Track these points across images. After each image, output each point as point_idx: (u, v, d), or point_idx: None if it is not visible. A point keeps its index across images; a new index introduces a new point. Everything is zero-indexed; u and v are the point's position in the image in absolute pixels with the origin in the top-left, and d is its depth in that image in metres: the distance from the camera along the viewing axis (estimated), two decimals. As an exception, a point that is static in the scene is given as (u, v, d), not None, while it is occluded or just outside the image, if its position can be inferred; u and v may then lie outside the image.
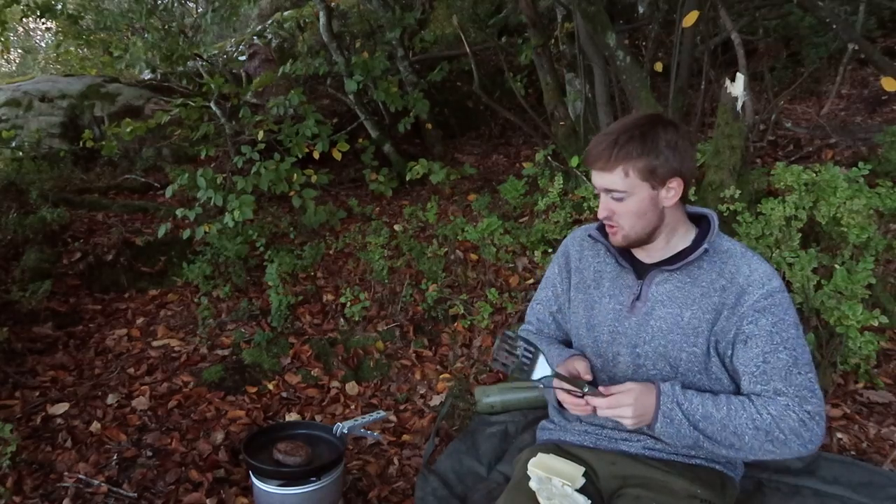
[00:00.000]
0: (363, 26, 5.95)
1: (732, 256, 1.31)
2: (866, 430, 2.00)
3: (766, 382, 1.24)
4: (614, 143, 1.24)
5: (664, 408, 1.23)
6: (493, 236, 3.14)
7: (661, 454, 1.36)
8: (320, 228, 3.87)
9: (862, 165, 2.24)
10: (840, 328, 1.98)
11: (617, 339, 1.36)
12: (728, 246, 1.33)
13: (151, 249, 3.59)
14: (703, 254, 1.30)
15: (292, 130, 3.94)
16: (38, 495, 1.93)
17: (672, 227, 1.33)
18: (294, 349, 2.83)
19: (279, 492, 1.74)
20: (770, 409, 1.22)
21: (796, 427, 1.21)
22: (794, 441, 1.21)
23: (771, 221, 2.19)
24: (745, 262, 1.29)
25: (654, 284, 1.34)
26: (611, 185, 1.27)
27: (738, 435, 1.22)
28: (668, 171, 1.25)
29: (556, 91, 4.07)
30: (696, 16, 2.66)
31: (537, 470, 1.32)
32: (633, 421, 1.23)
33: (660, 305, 1.32)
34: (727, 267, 1.29)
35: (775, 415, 1.22)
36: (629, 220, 1.29)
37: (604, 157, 1.26)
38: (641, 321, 1.33)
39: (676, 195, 1.28)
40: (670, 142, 1.25)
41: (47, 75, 6.57)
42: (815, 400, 1.23)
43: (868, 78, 4.83)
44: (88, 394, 2.47)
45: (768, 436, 1.22)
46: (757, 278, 1.26)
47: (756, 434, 1.22)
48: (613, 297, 1.38)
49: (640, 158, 1.24)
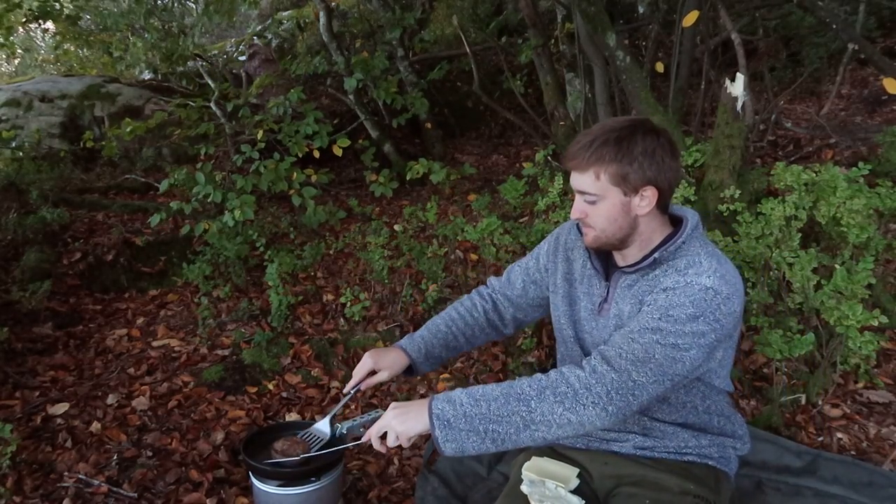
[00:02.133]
0: (363, 26, 5.96)
1: (694, 255, 1.23)
2: (866, 430, 2.00)
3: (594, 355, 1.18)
4: (589, 145, 1.24)
5: (435, 408, 1.17)
6: (492, 236, 3.13)
7: (651, 453, 1.36)
8: (320, 228, 3.87)
9: (862, 165, 2.24)
10: (840, 328, 1.98)
11: (588, 339, 1.39)
12: (700, 246, 1.26)
13: (151, 249, 3.59)
14: (651, 263, 1.26)
15: (291, 129, 3.94)
16: (38, 495, 1.93)
17: (647, 236, 1.30)
18: (294, 349, 2.83)
19: (278, 492, 1.74)
20: (563, 369, 1.16)
21: (586, 378, 1.13)
22: (586, 395, 1.12)
23: (771, 221, 2.19)
24: (694, 263, 1.21)
25: (620, 287, 1.33)
26: (582, 187, 1.27)
27: (523, 400, 1.14)
28: (640, 179, 1.23)
29: (556, 91, 4.07)
30: (696, 16, 2.67)
31: (530, 473, 1.32)
32: (395, 420, 1.21)
33: (618, 306, 1.33)
34: (680, 264, 1.23)
35: (565, 371, 1.16)
36: (600, 222, 1.28)
37: (578, 157, 1.25)
38: (605, 322, 1.35)
39: (650, 204, 1.25)
40: (647, 149, 1.22)
41: (47, 75, 6.58)
42: (617, 363, 1.15)
43: (868, 78, 4.83)
44: (88, 394, 2.47)
45: (556, 394, 1.13)
46: (684, 282, 1.18)
47: (542, 394, 1.14)
48: (588, 296, 1.40)
49: (612, 163, 1.22)
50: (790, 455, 1.67)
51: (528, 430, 1.14)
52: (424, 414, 1.18)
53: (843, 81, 4.51)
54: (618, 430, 1.39)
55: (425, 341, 1.58)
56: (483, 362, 2.69)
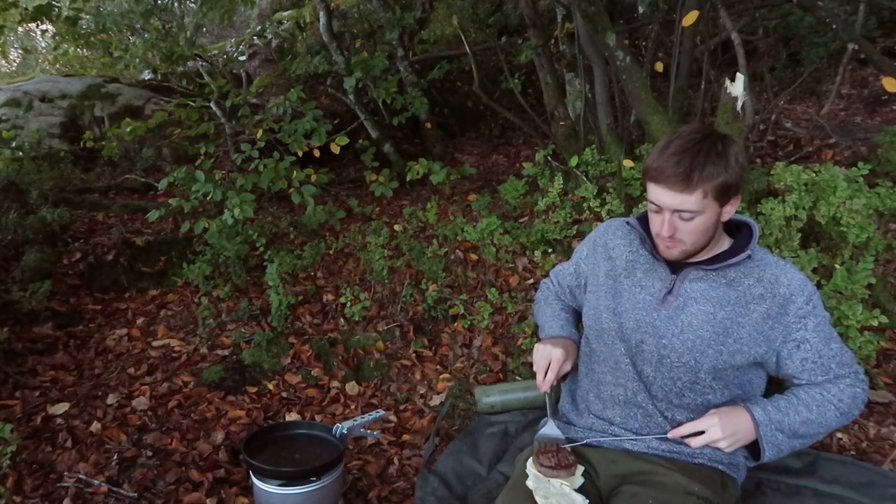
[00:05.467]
0: (363, 26, 5.96)
1: (769, 266, 1.35)
2: (866, 430, 2.00)
3: (826, 373, 1.33)
4: (692, 166, 1.23)
5: (767, 437, 1.30)
6: (492, 236, 3.14)
7: (664, 452, 1.36)
8: (320, 228, 3.87)
9: (862, 165, 2.24)
10: (840, 328, 1.98)
11: (642, 328, 1.39)
12: (762, 255, 1.38)
13: (151, 249, 3.59)
14: (744, 259, 1.34)
15: (291, 128, 3.94)
16: (38, 495, 1.93)
17: (717, 237, 1.37)
18: (294, 349, 2.83)
19: (279, 492, 1.74)
20: (844, 394, 1.34)
21: (860, 394, 1.35)
22: (856, 410, 1.35)
23: (771, 221, 2.19)
24: (782, 272, 1.34)
25: (689, 281, 1.37)
26: (683, 206, 1.26)
27: (824, 425, 1.33)
28: (737, 188, 1.28)
29: (556, 91, 4.07)
30: (696, 16, 2.66)
31: (535, 470, 1.32)
32: (726, 441, 1.27)
33: (693, 302, 1.35)
34: (765, 275, 1.34)
35: (848, 395, 1.34)
36: (693, 236, 1.30)
37: (681, 178, 1.23)
38: (672, 315, 1.36)
39: (734, 208, 1.32)
40: (737, 157, 1.27)
41: (47, 75, 6.58)
42: (858, 366, 1.37)
43: (868, 78, 4.83)
44: (88, 394, 2.47)
45: (845, 416, 1.34)
46: (797, 287, 1.33)
47: (839, 418, 1.33)
48: (645, 287, 1.41)
49: (719, 178, 1.24)
50: (790, 455, 1.67)
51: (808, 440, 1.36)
52: (753, 437, 1.31)
53: (843, 81, 4.52)
54: (636, 431, 1.40)
55: (570, 323, 1.62)
56: (483, 362, 2.69)
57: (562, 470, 1.30)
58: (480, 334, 2.85)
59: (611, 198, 3.01)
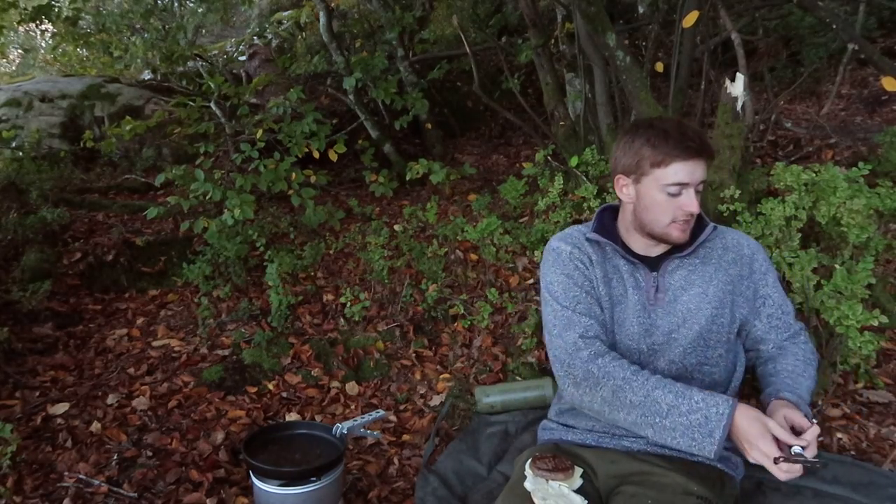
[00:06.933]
0: (363, 26, 5.96)
1: (725, 232, 1.49)
2: (866, 430, 2.00)
3: (788, 328, 1.46)
4: (702, 136, 1.34)
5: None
6: (492, 236, 3.13)
7: (663, 451, 1.36)
8: (320, 228, 3.87)
9: (862, 165, 2.24)
10: (840, 328, 1.98)
11: (650, 331, 1.41)
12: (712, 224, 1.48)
13: (151, 249, 3.59)
14: (711, 232, 1.43)
15: (291, 129, 3.94)
16: (38, 495, 1.93)
17: None
18: (294, 349, 2.83)
19: (279, 492, 1.74)
20: (808, 348, 1.45)
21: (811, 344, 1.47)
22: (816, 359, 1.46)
23: (771, 221, 2.19)
24: (738, 235, 1.49)
25: (668, 273, 1.42)
26: (705, 175, 1.37)
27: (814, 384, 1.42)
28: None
29: (556, 91, 4.07)
30: (696, 16, 2.66)
31: (533, 473, 1.32)
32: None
33: (681, 291, 1.41)
34: (728, 242, 1.47)
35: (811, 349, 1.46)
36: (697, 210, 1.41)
37: (707, 147, 1.33)
38: (668, 309, 1.40)
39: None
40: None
41: (47, 75, 6.58)
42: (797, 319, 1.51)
43: (868, 78, 4.83)
44: (88, 394, 2.47)
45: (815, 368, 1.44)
46: (755, 245, 1.48)
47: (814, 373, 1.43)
48: (636, 290, 1.43)
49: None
50: (790, 455, 1.67)
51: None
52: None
53: (843, 81, 4.52)
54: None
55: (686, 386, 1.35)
56: (483, 362, 2.69)
57: (559, 473, 1.30)
58: (480, 334, 2.85)
59: (611, 198, 3.01)
